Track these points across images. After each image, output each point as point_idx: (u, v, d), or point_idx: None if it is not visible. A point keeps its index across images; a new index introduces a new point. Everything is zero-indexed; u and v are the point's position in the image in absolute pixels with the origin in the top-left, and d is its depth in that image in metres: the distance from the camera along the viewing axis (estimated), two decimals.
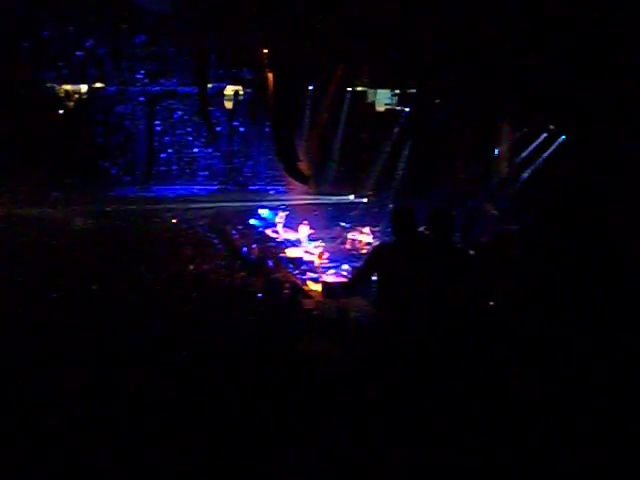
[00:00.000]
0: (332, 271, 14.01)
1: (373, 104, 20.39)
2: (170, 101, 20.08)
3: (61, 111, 19.24)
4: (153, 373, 5.89)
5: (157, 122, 20.12)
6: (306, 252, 15.01)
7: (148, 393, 5.61)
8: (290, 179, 18.63)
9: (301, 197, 18.32)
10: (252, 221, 17.36)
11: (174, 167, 20.33)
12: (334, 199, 18.51)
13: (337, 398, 5.55)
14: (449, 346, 6.02)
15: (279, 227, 16.61)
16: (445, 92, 17.10)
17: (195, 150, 20.42)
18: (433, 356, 5.96)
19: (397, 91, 19.75)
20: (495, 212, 15.55)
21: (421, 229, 6.82)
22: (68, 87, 19.28)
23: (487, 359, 6.16)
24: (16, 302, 8.11)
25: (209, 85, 19.12)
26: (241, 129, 20.68)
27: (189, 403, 5.40)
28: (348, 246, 15.65)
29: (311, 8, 15.18)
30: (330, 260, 14.56)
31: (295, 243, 15.86)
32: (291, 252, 15.10)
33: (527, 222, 14.26)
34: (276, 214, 17.29)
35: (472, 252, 7.75)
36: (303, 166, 18.16)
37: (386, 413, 5.36)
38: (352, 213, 17.85)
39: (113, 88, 19.56)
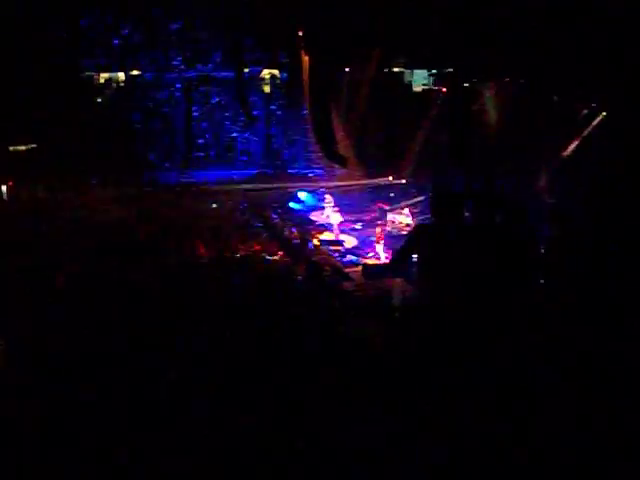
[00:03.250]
0: (372, 254, 13.97)
1: (410, 85, 20.26)
2: (207, 86, 20.12)
3: (99, 99, 19.40)
4: (193, 351, 5.96)
5: (194, 107, 20.18)
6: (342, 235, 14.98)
7: (189, 371, 5.67)
8: (328, 161, 18.61)
9: (340, 179, 18.28)
10: (292, 204, 17.36)
11: (212, 152, 20.38)
12: (373, 181, 18.42)
13: (379, 381, 5.56)
14: (489, 328, 5.99)
15: (327, 210, 16.48)
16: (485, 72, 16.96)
17: (233, 134, 20.44)
18: (473, 338, 5.93)
19: (434, 71, 19.62)
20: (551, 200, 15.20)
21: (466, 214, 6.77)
22: (106, 75, 19.43)
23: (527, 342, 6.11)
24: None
25: (245, 69, 19.14)
26: (278, 113, 20.66)
27: (229, 384, 5.45)
28: (388, 227, 15.56)
29: None
30: (368, 242, 14.51)
31: (334, 226, 15.82)
32: (331, 235, 15.08)
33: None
34: (315, 197, 17.27)
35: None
36: (342, 148, 18.11)
37: (427, 395, 5.36)
38: (391, 194, 17.75)
39: (150, 75, 19.65)
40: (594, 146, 15.61)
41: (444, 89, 19.16)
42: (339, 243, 14.51)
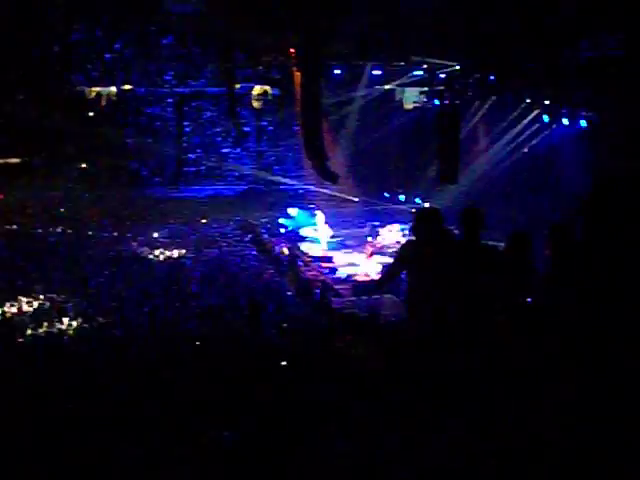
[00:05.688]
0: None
1: (401, 102, 20.31)
2: (198, 102, 20.14)
3: (91, 113, 19.38)
4: (184, 369, 5.94)
5: (186, 123, 20.20)
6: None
7: (179, 387, 5.66)
8: (319, 177, 18.64)
9: (330, 195, 18.31)
10: (281, 220, 17.36)
11: (203, 167, 20.38)
12: (362, 197, 18.46)
13: (369, 395, 5.55)
14: (477, 342, 5.99)
15: (320, 225, 16.47)
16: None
17: (223, 150, 20.46)
18: (462, 353, 5.92)
19: (425, 89, 19.67)
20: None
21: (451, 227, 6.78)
22: (97, 89, 19.42)
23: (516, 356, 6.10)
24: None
25: (237, 85, 19.18)
26: (269, 129, 20.69)
27: (220, 398, 5.43)
28: (379, 244, 15.59)
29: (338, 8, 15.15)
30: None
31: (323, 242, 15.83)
32: (321, 251, 15.10)
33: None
34: (305, 213, 17.30)
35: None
36: (333, 165, 18.15)
37: (417, 410, 5.35)
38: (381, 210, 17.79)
39: (142, 90, 19.66)
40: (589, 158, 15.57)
41: (435, 105, 19.24)
42: (329, 260, 14.52)
